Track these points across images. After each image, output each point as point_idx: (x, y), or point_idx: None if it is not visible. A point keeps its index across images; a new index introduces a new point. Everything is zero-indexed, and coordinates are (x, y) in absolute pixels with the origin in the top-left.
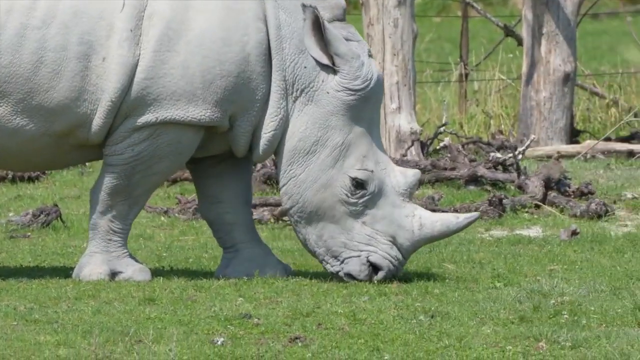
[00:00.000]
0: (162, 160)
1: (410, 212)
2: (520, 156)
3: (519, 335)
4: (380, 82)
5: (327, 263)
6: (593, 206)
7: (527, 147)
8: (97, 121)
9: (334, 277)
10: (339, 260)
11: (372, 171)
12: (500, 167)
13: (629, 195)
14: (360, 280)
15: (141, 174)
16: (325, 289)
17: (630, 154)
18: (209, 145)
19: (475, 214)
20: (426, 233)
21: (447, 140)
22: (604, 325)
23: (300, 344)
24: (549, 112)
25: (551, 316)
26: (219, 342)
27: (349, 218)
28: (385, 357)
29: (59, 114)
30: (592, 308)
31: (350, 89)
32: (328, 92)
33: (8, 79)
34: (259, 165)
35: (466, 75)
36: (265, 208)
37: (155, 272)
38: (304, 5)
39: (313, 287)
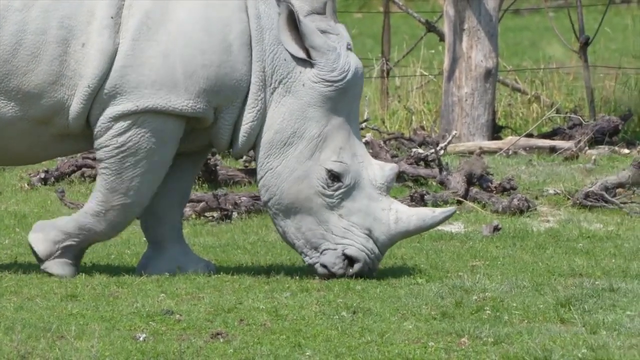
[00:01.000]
0: (147, 153)
1: (387, 205)
2: (442, 152)
3: (441, 331)
4: (358, 75)
5: (307, 255)
6: (515, 202)
7: (448, 143)
8: (75, 107)
9: (256, 272)
10: (318, 251)
11: (348, 163)
12: (422, 163)
13: (551, 191)
14: (335, 273)
15: (131, 170)
16: (247, 285)
17: (552, 149)
18: (191, 139)
19: (451, 209)
20: (402, 227)
21: (368, 136)
22: (526, 321)
23: (222, 340)
24: (470, 108)
25: (473, 312)
26: (141, 338)
27: (326, 210)
28: (307, 353)
29: (36, 98)
30: (514, 304)
31: (327, 81)
32: (304, 84)
33: None
34: None
35: (388, 71)
36: (187, 204)
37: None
38: (277, 1)
39: (235, 283)
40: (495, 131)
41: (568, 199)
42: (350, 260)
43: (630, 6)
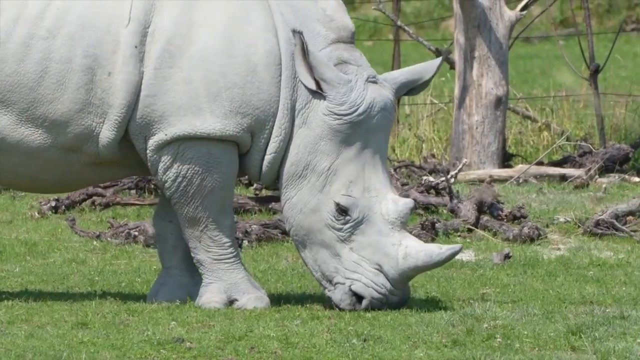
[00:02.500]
0: (207, 175)
1: (397, 240)
2: (452, 180)
3: (452, 359)
4: (377, 108)
5: (325, 287)
6: (525, 230)
7: (459, 171)
8: (106, 134)
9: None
10: (332, 284)
11: (357, 197)
12: (432, 191)
13: (561, 219)
14: (344, 309)
15: (198, 195)
16: (258, 312)
17: (563, 177)
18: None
19: (457, 246)
20: (411, 263)
21: None
22: (537, 349)
23: None
24: (481, 136)
25: (484, 340)
26: None
27: (338, 243)
28: None
29: (64, 126)
30: (525, 332)
31: (335, 114)
32: (317, 116)
33: (12, 88)
34: None
35: (398, 99)
36: None
37: (88, 297)
38: (293, 31)
39: (245, 311)
40: (505, 159)
41: (578, 227)
42: (357, 296)
43: (637, 34)
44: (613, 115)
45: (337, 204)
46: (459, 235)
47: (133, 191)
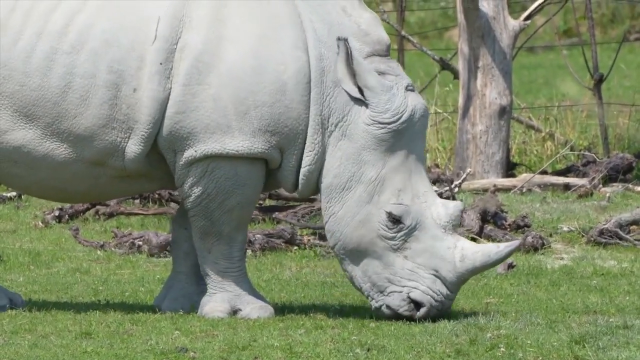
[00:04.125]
0: (230, 195)
1: (452, 244)
2: (456, 189)
3: None
4: (417, 115)
5: (373, 299)
6: (529, 239)
7: (463, 181)
8: (132, 149)
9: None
10: (384, 294)
11: (408, 205)
12: None
13: (565, 229)
14: (401, 316)
15: (218, 212)
16: (262, 322)
17: (567, 187)
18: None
19: (515, 242)
20: (468, 264)
21: None
22: (540, 358)
23: None
24: (485, 146)
25: (488, 349)
26: None
27: (390, 253)
28: None
29: (88, 140)
30: (529, 341)
31: (380, 122)
32: (359, 127)
33: (37, 102)
34: None
35: None
36: None
37: (91, 306)
38: (338, 39)
39: (249, 321)
40: (509, 168)
41: (582, 236)
42: (415, 303)
43: None
44: (617, 124)
45: (389, 213)
46: None
47: (137, 201)
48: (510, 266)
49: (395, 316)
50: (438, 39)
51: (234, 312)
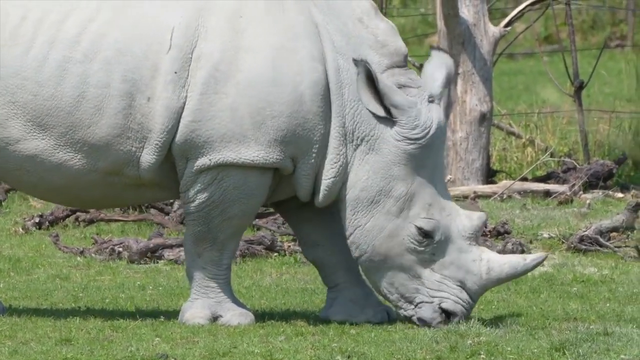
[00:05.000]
0: (234, 204)
1: (478, 256)
2: None
3: None
4: (441, 127)
5: (401, 308)
6: (509, 246)
7: None
8: (146, 158)
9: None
10: (413, 304)
11: (437, 219)
12: None
13: (545, 235)
14: (434, 327)
15: (218, 219)
16: (242, 329)
17: (547, 193)
18: (278, 189)
19: (542, 255)
20: (494, 276)
21: None
22: None
23: None
24: (465, 152)
25: (468, 357)
26: None
27: (418, 266)
28: None
29: (103, 150)
30: (509, 348)
31: (409, 139)
32: (388, 142)
33: (50, 112)
34: (175, 206)
35: None
36: (181, 248)
37: (72, 313)
38: (355, 60)
39: (230, 327)
40: (489, 175)
41: (562, 242)
42: (446, 313)
43: (624, 50)
44: (597, 131)
45: (420, 228)
46: None
47: (117, 207)
48: None
49: (427, 326)
50: (418, 45)
51: (215, 318)
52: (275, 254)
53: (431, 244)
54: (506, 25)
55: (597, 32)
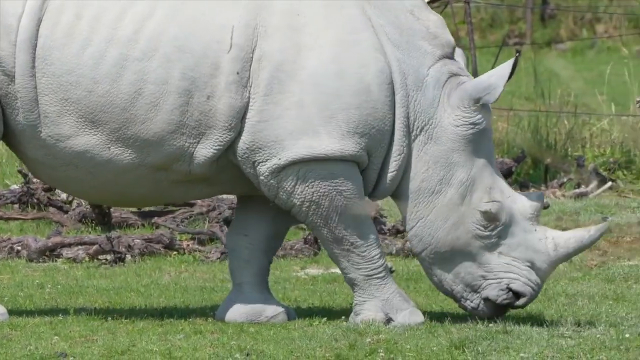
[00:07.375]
0: (335, 197)
1: (542, 235)
2: None
3: None
4: (490, 111)
5: (467, 300)
6: (408, 244)
7: None
8: (202, 152)
9: (150, 314)
10: (478, 292)
11: (500, 201)
12: None
13: None
14: (498, 306)
15: (333, 217)
16: (141, 327)
17: None
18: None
19: (605, 224)
20: (562, 253)
21: None
22: None
23: None
24: None
25: (367, 354)
26: None
27: (485, 251)
28: None
29: (155, 146)
30: (408, 346)
31: (470, 123)
32: (446, 129)
33: (104, 108)
34: (74, 204)
35: None
36: (80, 247)
37: None
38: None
39: (128, 326)
40: None
41: None
42: (515, 294)
43: (522, 47)
44: (496, 129)
45: (485, 212)
46: None
47: (16, 205)
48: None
49: (494, 311)
50: None
51: (387, 320)
52: (174, 252)
53: (497, 227)
54: None
55: (495, 30)
